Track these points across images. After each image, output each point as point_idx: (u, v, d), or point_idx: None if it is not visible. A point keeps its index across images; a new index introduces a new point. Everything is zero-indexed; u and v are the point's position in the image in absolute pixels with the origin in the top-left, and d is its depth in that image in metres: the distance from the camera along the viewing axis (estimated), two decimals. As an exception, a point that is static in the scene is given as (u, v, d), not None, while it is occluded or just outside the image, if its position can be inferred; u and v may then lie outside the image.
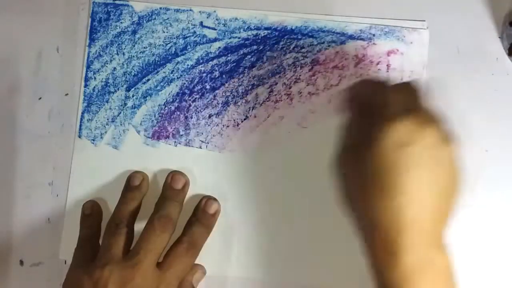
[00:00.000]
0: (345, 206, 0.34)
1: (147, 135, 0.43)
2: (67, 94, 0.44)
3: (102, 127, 0.43)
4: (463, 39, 0.41)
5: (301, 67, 0.42)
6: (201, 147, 0.42)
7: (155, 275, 0.36)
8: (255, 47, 0.43)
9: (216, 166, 0.42)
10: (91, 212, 0.42)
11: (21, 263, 0.43)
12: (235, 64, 0.43)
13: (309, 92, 0.42)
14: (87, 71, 0.44)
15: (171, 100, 0.43)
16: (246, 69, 0.43)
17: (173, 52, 0.43)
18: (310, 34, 0.42)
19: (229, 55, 0.43)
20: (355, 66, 0.42)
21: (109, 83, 0.43)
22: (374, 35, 0.42)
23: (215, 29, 0.43)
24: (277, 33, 0.43)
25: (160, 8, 0.43)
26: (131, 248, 0.37)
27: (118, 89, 0.43)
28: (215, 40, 0.43)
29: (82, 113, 0.43)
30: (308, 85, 0.42)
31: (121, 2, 0.44)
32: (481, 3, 0.42)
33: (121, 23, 0.44)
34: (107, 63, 0.43)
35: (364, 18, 0.42)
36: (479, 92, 0.41)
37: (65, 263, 0.42)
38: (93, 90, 0.43)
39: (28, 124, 0.44)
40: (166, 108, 0.43)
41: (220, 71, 0.43)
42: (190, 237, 0.39)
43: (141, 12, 0.44)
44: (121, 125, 0.43)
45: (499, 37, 0.41)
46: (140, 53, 0.43)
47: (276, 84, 0.42)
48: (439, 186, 0.31)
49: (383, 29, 0.42)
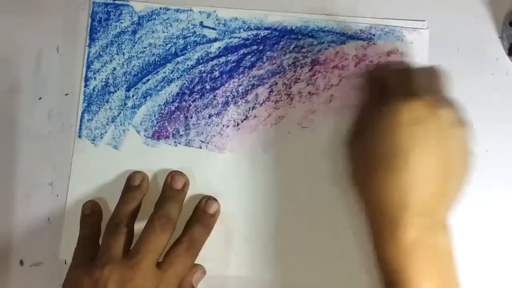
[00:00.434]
0: (353, 181, 0.34)
1: (147, 135, 0.43)
2: (67, 94, 0.44)
3: (102, 127, 0.43)
4: (463, 39, 0.41)
5: (301, 67, 0.42)
6: (201, 147, 0.42)
7: (155, 275, 0.36)
8: (255, 47, 0.43)
9: (216, 166, 0.42)
10: (91, 212, 0.42)
11: (21, 263, 0.43)
12: (235, 64, 0.43)
13: (309, 92, 0.42)
14: (87, 71, 0.44)
15: (171, 100, 0.43)
16: (246, 69, 0.43)
17: (173, 52, 0.43)
18: (310, 34, 0.42)
19: (229, 55, 0.43)
20: (355, 66, 0.42)
21: (109, 83, 0.43)
22: (374, 35, 0.42)
23: (215, 29, 0.43)
24: (277, 33, 0.43)
25: (160, 8, 0.43)
26: (131, 248, 0.37)
27: (118, 89, 0.43)
28: (215, 40, 0.43)
29: (82, 113, 0.43)
30: (308, 85, 0.42)
31: (121, 2, 0.44)
32: (481, 3, 0.42)
33: (121, 23, 0.44)
34: (107, 63, 0.43)
35: (364, 18, 0.42)
36: (479, 92, 0.41)
37: (65, 263, 0.42)
38: (93, 90, 0.43)
39: (28, 124, 0.44)
40: (166, 108, 0.43)
41: (220, 71, 0.43)
42: (190, 237, 0.39)
43: (141, 12, 0.44)
44: (121, 125, 0.43)
45: (499, 37, 0.41)
46: (140, 53, 0.43)
47: (276, 84, 0.42)
48: (447, 167, 0.32)
49: (383, 29, 0.42)
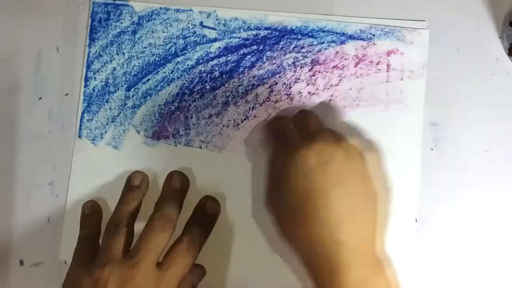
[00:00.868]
0: (284, 236, 0.34)
1: (147, 135, 0.43)
2: (67, 94, 0.44)
3: (102, 127, 0.43)
4: (463, 39, 0.41)
5: (301, 67, 0.42)
6: (201, 147, 0.42)
7: (155, 275, 0.36)
8: (255, 47, 0.43)
9: (216, 166, 0.42)
10: (91, 212, 0.42)
11: (21, 263, 0.43)
12: (235, 64, 0.43)
13: (309, 92, 0.42)
14: (87, 71, 0.44)
15: (171, 100, 0.43)
16: (246, 69, 0.43)
17: (173, 52, 0.43)
18: (310, 34, 0.42)
19: (229, 55, 0.43)
20: (355, 66, 0.42)
21: (109, 83, 0.43)
22: (374, 35, 0.42)
23: (215, 29, 0.43)
24: (277, 33, 0.43)
25: (160, 8, 0.43)
26: (131, 248, 0.37)
27: (118, 89, 0.43)
28: (215, 40, 0.43)
29: (82, 113, 0.43)
30: (308, 85, 0.42)
31: (121, 2, 0.44)
32: (481, 3, 0.42)
33: (121, 23, 0.44)
34: (107, 63, 0.43)
35: (364, 18, 0.42)
36: (479, 92, 0.41)
37: (65, 263, 0.42)
38: (93, 90, 0.43)
39: (28, 124, 0.44)
40: (166, 108, 0.43)
41: (220, 71, 0.43)
42: (190, 237, 0.39)
43: (141, 12, 0.44)
44: (121, 125, 0.43)
45: (499, 37, 0.41)
46: (140, 53, 0.43)
47: (276, 84, 0.42)
48: (359, 201, 0.32)
49: (383, 29, 0.42)
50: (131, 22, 0.44)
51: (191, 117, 0.43)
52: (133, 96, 0.43)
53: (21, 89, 0.44)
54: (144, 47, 0.43)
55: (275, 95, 0.42)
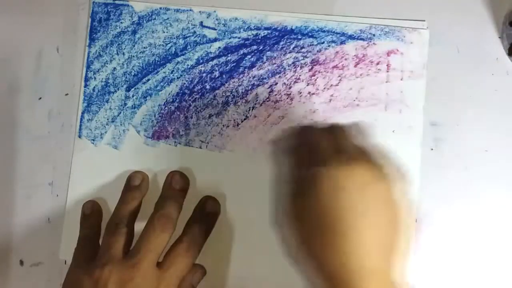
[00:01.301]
0: (301, 251, 0.33)
1: (147, 135, 0.43)
2: (67, 94, 0.44)
3: (102, 127, 0.43)
4: (463, 39, 0.41)
5: (301, 67, 0.42)
6: (201, 147, 0.42)
7: (155, 275, 0.36)
8: (255, 47, 0.43)
9: (216, 166, 0.42)
10: (91, 212, 0.42)
11: (21, 263, 0.43)
12: (235, 64, 0.43)
13: (309, 92, 0.42)
14: (87, 71, 0.44)
15: (171, 100, 0.43)
16: (246, 69, 0.43)
17: (173, 52, 0.43)
18: (310, 34, 0.42)
19: (229, 55, 0.43)
20: (355, 66, 0.42)
21: (109, 83, 0.43)
22: (374, 35, 0.42)
23: (215, 29, 0.43)
24: (277, 33, 0.43)
25: (160, 8, 0.43)
26: (131, 248, 0.37)
27: (118, 89, 0.43)
28: (215, 40, 0.43)
29: (82, 113, 0.43)
30: (308, 85, 0.42)
31: (121, 2, 0.44)
32: (481, 3, 0.42)
33: (121, 23, 0.44)
34: (107, 63, 0.43)
35: (364, 18, 0.42)
36: (479, 92, 0.41)
37: (65, 263, 0.42)
38: (93, 90, 0.43)
39: (28, 124, 0.44)
40: (166, 108, 0.43)
41: (220, 71, 0.43)
42: (190, 237, 0.39)
43: (141, 12, 0.44)
44: (121, 125, 0.43)
45: (499, 37, 0.41)
46: (140, 53, 0.43)
47: (276, 84, 0.42)
48: (379, 227, 0.31)
49: (383, 29, 0.42)
50: (131, 22, 0.44)
51: (191, 117, 0.43)
52: (133, 96, 0.43)
53: (21, 89, 0.44)
54: (144, 47, 0.43)
55: (275, 95, 0.42)
